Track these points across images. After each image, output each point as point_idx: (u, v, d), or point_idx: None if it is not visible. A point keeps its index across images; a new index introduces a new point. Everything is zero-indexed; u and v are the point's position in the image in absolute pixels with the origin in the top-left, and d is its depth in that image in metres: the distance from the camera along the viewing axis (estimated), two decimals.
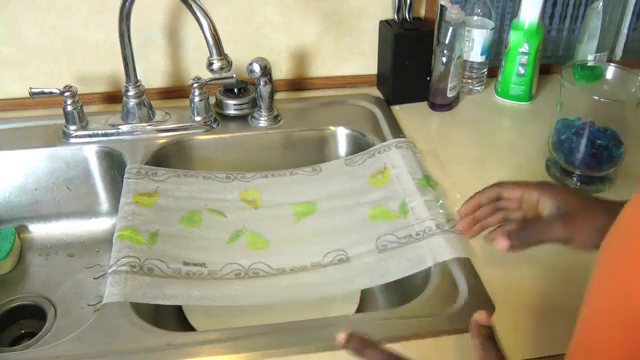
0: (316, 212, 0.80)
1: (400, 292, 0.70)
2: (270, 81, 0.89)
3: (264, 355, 0.56)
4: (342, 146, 0.93)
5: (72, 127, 0.88)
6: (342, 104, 0.99)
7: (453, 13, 0.92)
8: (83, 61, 0.96)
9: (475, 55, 0.98)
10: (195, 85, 0.88)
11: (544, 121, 0.86)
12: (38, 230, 0.90)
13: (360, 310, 0.72)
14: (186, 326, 0.69)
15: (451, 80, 0.94)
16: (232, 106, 0.92)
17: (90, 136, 0.88)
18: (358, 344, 0.44)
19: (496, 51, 1.02)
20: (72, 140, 0.88)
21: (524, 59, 0.95)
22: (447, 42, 0.93)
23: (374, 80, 1.04)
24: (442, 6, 0.94)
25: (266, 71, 0.87)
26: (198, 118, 0.90)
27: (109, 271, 0.65)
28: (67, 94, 0.86)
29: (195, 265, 0.70)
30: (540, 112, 0.97)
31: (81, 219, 0.91)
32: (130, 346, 0.57)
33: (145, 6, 0.89)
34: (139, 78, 0.88)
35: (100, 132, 0.88)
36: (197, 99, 0.89)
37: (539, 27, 0.93)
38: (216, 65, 0.74)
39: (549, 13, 1.03)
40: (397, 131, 0.90)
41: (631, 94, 0.75)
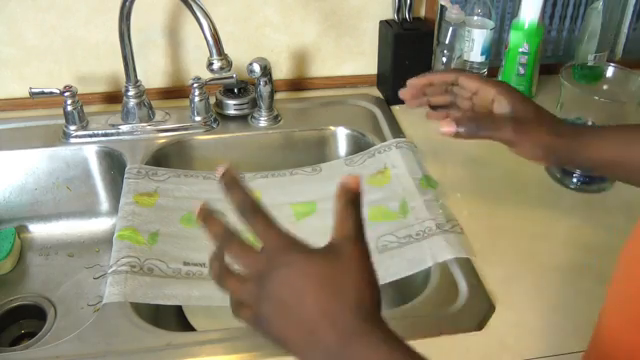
0: (316, 212, 0.80)
1: (400, 292, 0.70)
2: (270, 81, 0.89)
3: (264, 355, 0.56)
4: (342, 146, 0.93)
5: (72, 127, 0.88)
6: (342, 104, 0.99)
7: (453, 13, 0.92)
8: (83, 61, 0.96)
9: (475, 55, 0.98)
10: (195, 85, 0.88)
11: None
12: (38, 230, 0.90)
13: None
14: (186, 326, 0.69)
15: None
16: (232, 106, 0.92)
17: (90, 136, 0.88)
18: (229, 180, 0.42)
19: (496, 51, 1.02)
20: (72, 140, 0.88)
21: (524, 59, 0.95)
22: (447, 42, 0.93)
23: (374, 80, 1.04)
24: (442, 6, 0.94)
25: (266, 71, 0.87)
26: (198, 118, 0.90)
27: (109, 271, 0.65)
28: (67, 94, 0.86)
29: (195, 265, 0.70)
30: None
31: (81, 219, 0.91)
32: (130, 346, 0.57)
33: (145, 6, 0.89)
34: (139, 78, 0.88)
35: (100, 132, 0.88)
36: (197, 99, 0.89)
37: (539, 27, 0.93)
38: (216, 65, 0.74)
39: (549, 13, 1.03)
40: (397, 131, 0.90)
41: (631, 94, 0.75)
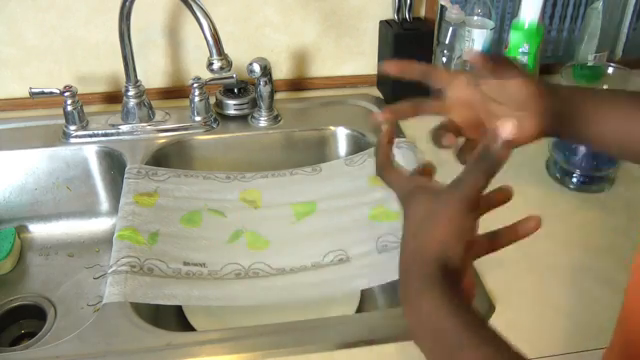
0: (316, 212, 0.80)
1: None
2: (270, 81, 0.89)
3: (264, 355, 0.56)
4: (342, 146, 0.93)
5: (72, 127, 0.88)
6: (342, 104, 0.99)
7: (453, 13, 0.92)
8: (83, 61, 0.96)
9: None
10: (195, 85, 0.88)
11: None
12: (38, 230, 0.90)
13: (360, 310, 0.72)
14: (186, 326, 0.69)
15: None
16: (232, 106, 0.92)
17: (90, 136, 0.88)
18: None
19: (496, 51, 1.02)
20: (72, 140, 0.88)
21: (524, 59, 0.95)
22: (447, 42, 0.93)
23: (374, 80, 1.04)
24: (442, 6, 0.94)
25: (266, 71, 0.87)
26: (198, 118, 0.90)
27: (109, 271, 0.65)
28: (67, 94, 0.86)
29: (195, 265, 0.70)
30: None
31: (81, 219, 0.91)
32: (130, 346, 0.57)
33: (145, 6, 0.89)
34: (139, 78, 0.88)
35: (100, 132, 0.88)
36: (197, 99, 0.89)
37: (539, 27, 0.93)
38: (216, 65, 0.74)
39: (549, 13, 1.03)
40: (397, 131, 0.90)
41: None
